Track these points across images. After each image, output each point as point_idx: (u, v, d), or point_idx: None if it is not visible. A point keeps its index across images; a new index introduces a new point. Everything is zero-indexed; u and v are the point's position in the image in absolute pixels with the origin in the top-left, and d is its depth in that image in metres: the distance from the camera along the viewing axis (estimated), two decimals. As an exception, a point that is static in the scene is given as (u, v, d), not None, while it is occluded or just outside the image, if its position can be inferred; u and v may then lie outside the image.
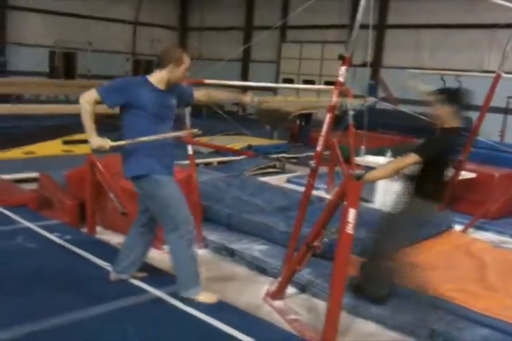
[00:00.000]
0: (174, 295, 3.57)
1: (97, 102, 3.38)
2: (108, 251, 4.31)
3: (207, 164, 8.73)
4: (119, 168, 5.19)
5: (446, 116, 3.57)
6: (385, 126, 11.40)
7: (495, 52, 11.82)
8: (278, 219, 5.10)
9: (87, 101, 3.34)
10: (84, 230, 5.08)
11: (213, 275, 4.27)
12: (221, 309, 3.47)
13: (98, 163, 4.85)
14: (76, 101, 3.63)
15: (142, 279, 3.85)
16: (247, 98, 3.98)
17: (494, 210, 5.95)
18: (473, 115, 6.27)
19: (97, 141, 3.34)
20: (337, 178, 6.83)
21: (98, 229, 5.15)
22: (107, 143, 3.36)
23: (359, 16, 3.84)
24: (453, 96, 3.59)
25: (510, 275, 4.41)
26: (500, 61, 5.95)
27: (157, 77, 3.48)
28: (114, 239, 4.85)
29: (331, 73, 16.58)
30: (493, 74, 5.97)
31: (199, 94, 3.86)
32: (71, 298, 3.51)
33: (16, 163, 7.37)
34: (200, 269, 3.65)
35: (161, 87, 3.48)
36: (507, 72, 5.99)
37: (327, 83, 16.12)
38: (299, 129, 12.73)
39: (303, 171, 8.42)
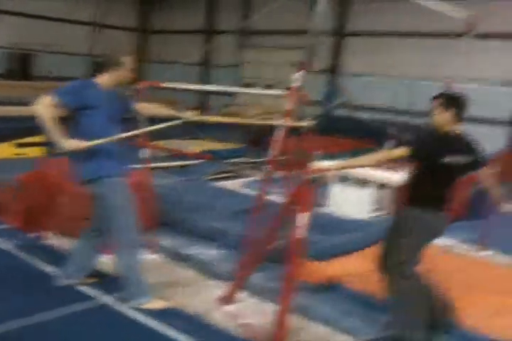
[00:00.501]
0: (123, 301, 3.53)
1: (53, 106, 3.36)
2: (58, 257, 4.23)
3: (164, 168, 8.65)
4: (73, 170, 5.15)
5: (446, 120, 3.48)
6: (342, 131, 11.58)
7: (451, 59, 12.13)
8: (232, 224, 5.11)
9: (45, 106, 3.32)
10: (35, 235, 4.96)
11: (166, 280, 4.23)
12: (170, 315, 3.46)
13: (50, 166, 4.76)
14: (30, 103, 3.58)
15: (91, 285, 3.79)
16: (187, 115, 3.96)
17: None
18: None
19: (72, 143, 3.32)
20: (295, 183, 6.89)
21: (49, 234, 5.03)
22: (81, 143, 3.34)
23: (314, 23, 3.90)
24: (453, 99, 3.53)
25: (457, 276, 4.54)
26: (452, 68, 6.14)
27: (103, 80, 3.53)
28: (65, 243, 4.75)
29: (290, 78, 16.68)
30: (445, 82, 6.14)
31: (140, 106, 3.88)
32: (16, 304, 3.43)
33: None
34: (152, 275, 3.63)
35: (108, 88, 3.54)
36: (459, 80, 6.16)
37: (287, 88, 16.21)
38: (258, 133, 12.76)
39: (260, 176, 8.44)
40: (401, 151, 3.32)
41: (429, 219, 3.47)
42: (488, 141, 10.06)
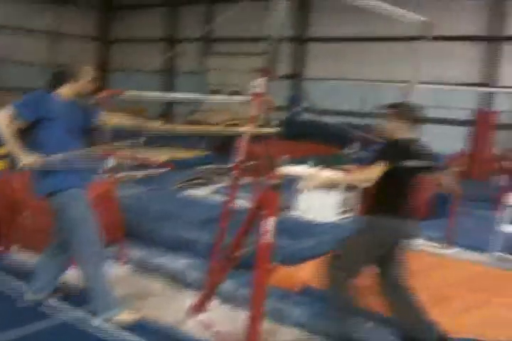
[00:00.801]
0: (92, 314, 3.47)
1: (12, 119, 3.32)
2: (23, 271, 4.13)
3: (130, 178, 8.56)
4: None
5: (398, 129, 3.58)
6: (307, 136, 11.67)
7: (407, 63, 12.38)
8: (201, 232, 5.08)
9: (3, 119, 3.28)
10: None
11: (136, 292, 4.18)
12: (142, 327, 3.42)
13: (12, 180, 4.66)
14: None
15: (59, 299, 3.72)
16: (152, 126, 3.97)
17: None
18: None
19: (29, 158, 3.27)
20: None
21: (14, 248, 4.92)
22: (38, 158, 3.29)
23: (274, 30, 3.94)
24: (405, 110, 3.64)
25: (422, 275, 4.62)
26: (412, 71, 6.27)
27: (63, 91, 3.50)
28: (30, 258, 4.65)
29: (256, 84, 16.74)
30: (405, 85, 6.27)
31: (104, 117, 3.82)
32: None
33: None
34: (121, 287, 3.59)
35: (68, 100, 3.50)
36: (424, 82, 6.27)
37: (252, 94, 16.26)
38: (226, 139, 12.77)
39: (228, 182, 8.43)
40: (382, 167, 3.35)
41: (396, 226, 3.53)
42: (449, 140, 10.38)
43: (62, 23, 20.24)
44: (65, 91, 3.49)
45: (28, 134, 3.42)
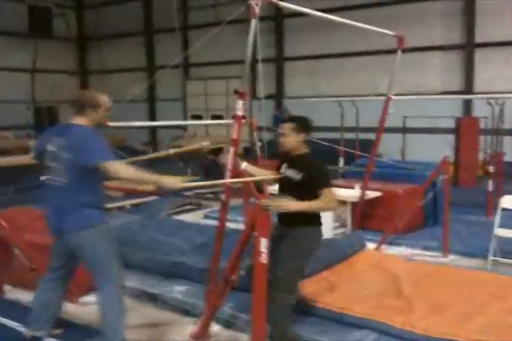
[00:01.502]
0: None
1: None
2: (19, 311, 4.06)
3: (119, 208, 8.50)
4: (23, 221, 4.99)
5: (299, 144, 3.66)
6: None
7: (386, 76, 12.61)
8: (196, 258, 5.04)
9: (120, 167, 3.27)
10: (-9, 291, 4.76)
11: (135, 322, 4.11)
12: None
13: (2, 219, 4.59)
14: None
15: (58, 336, 3.65)
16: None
17: (403, 225, 6.23)
18: (374, 137, 6.63)
19: (173, 181, 3.28)
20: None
21: (6, 287, 4.83)
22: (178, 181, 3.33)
23: (249, 52, 3.99)
24: (305, 124, 3.70)
25: (422, 284, 4.61)
26: (389, 84, 6.37)
27: (83, 122, 3.41)
28: (25, 296, 4.56)
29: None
30: (384, 97, 6.35)
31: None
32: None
33: None
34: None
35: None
36: (400, 94, 6.37)
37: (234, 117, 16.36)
38: (212, 164, 12.78)
39: (219, 206, 8.40)
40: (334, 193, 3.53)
41: (320, 235, 3.69)
42: (434, 149, 10.47)
43: (41, 59, 20.30)
44: (85, 121, 3.41)
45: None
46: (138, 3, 20.00)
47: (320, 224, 3.69)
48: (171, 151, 3.75)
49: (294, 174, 3.59)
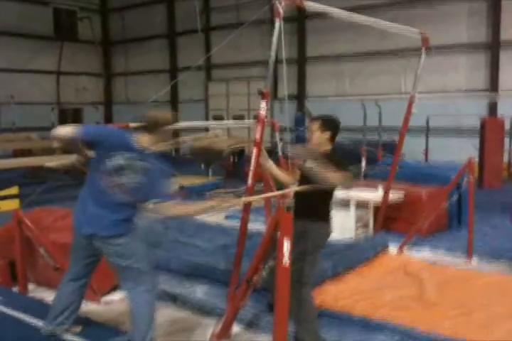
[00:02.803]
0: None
1: None
2: (43, 309, 4.10)
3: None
4: (49, 221, 5.06)
5: (323, 141, 3.76)
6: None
7: (410, 75, 12.51)
8: (218, 258, 5.05)
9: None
10: (16, 289, 4.83)
11: (157, 322, 4.13)
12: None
13: (25, 219, 4.67)
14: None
15: (78, 334, 3.68)
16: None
17: (426, 227, 6.14)
18: (398, 138, 6.56)
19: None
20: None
21: (31, 286, 4.90)
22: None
23: (273, 53, 3.98)
24: (330, 122, 3.80)
25: (446, 288, 4.55)
26: (413, 83, 6.28)
27: (142, 138, 3.45)
28: (49, 295, 4.62)
29: (259, 107, 16.88)
30: (408, 96, 6.25)
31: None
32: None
33: None
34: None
35: (143, 147, 3.44)
36: (423, 93, 6.27)
37: (256, 117, 16.39)
38: (234, 165, 12.81)
39: (241, 207, 8.41)
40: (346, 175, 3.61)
41: (328, 230, 3.79)
42: (459, 150, 10.33)
43: (67, 61, 20.60)
44: (147, 140, 3.45)
45: None
46: (161, 6, 20.18)
47: (330, 218, 3.82)
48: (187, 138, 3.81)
49: (313, 164, 3.61)
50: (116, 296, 4.66)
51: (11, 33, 18.83)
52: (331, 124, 3.79)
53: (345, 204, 6.36)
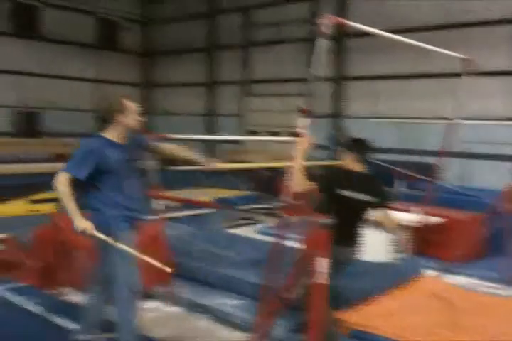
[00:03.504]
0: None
1: (72, 180, 3.36)
2: (76, 312, 4.15)
3: (176, 218, 8.64)
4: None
5: (350, 161, 3.85)
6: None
7: (449, 99, 12.38)
8: (249, 272, 5.04)
9: (62, 185, 3.32)
10: (51, 291, 4.91)
11: (185, 333, 4.15)
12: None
13: (63, 222, 4.76)
14: (39, 160, 3.63)
15: (111, 339, 3.71)
16: (207, 165, 3.90)
17: (463, 254, 6.02)
18: (434, 161, 6.48)
19: (82, 224, 3.32)
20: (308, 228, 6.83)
21: (65, 289, 4.98)
22: (89, 226, 3.33)
23: (313, 71, 4.00)
24: (357, 144, 3.93)
25: (481, 317, 4.44)
26: (453, 108, 6.22)
27: (112, 132, 3.46)
28: (81, 298, 4.68)
29: (294, 124, 16.92)
30: (448, 121, 6.20)
31: (164, 146, 3.83)
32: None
33: (-21, 224, 7.16)
34: (169, 327, 3.57)
35: (119, 140, 3.48)
36: (462, 118, 6.22)
37: (292, 134, 16.42)
38: (268, 179, 12.81)
39: (273, 222, 8.41)
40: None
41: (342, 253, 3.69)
42: (498, 176, 10.13)
43: (107, 70, 21.07)
44: (112, 132, 3.45)
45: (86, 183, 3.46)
46: (202, 19, 20.51)
47: (353, 243, 3.84)
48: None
49: (361, 196, 3.70)
50: (147, 304, 4.71)
51: (54, 40, 19.38)
52: (358, 145, 3.91)
53: (381, 224, 6.28)
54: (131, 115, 3.45)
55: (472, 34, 13.49)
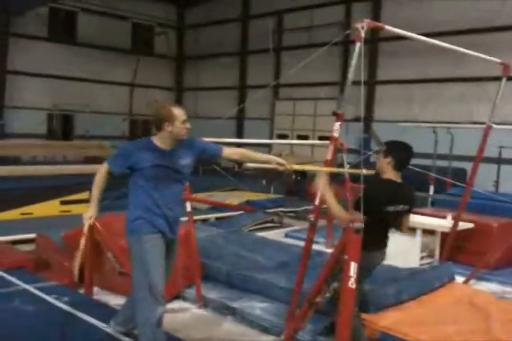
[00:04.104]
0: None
1: (109, 173, 3.54)
2: (106, 313, 4.22)
3: (204, 220, 8.70)
4: (118, 227, 5.22)
5: (384, 167, 3.60)
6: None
7: (483, 103, 12.16)
8: (278, 276, 5.03)
9: (99, 172, 3.55)
10: (82, 291, 4.99)
11: (213, 335, 4.17)
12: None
13: (96, 223, 4.83)
14: (73, 162, 3.74)
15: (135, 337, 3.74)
16: (283, 167, 3.72)
17: (495, 260, 5.90)
18: (467, 166, 6.37)
19: (86, 212, 3.61)
20: (336, 232, 6.80)
21: (96, 289, 5.06)
22: (88, 215, 3.62)
23: (350, 75, 3.98)
24: (391, 148, 3.61)
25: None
26: (490, 113, 6.10)
27: (159, 138, 3.48)
28: (113, 299, 4.76)
29: (324, 128, 16.89)
30: (483, 126, 6.09)
31: (230, 152, 3.79)
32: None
33: (13, 224, 7.34)
34: (198, 330, 3.58)
35: (165, 147, 3.48)
36: (496, 123, 6.11)
37: (320, 138, 16.40)
38: (296, 183, 12.81)
39: (301, 225, 8.40)
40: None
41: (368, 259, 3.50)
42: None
43: (141, 74, 21.37)
44: (159, 138, 3.48)
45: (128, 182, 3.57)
46: (235, 24, 20.64)
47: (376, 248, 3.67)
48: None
49: (400, 207, 3.57)
50: (176, 305, 4.76)
51: (91, 44, 19.78)
52: (396, 150, 3.59)
53: (412, 230, 6.21)
54: (179, 124, 3.44)
55: (506, 38, 13.26)
